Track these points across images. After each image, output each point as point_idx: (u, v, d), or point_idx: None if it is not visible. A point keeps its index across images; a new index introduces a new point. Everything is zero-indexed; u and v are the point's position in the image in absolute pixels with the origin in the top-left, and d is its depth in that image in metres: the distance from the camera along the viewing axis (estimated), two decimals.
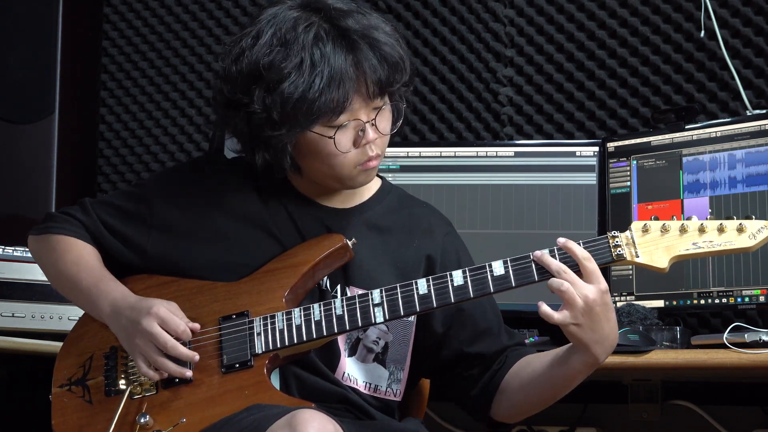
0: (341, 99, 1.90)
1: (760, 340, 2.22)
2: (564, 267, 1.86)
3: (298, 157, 2.01)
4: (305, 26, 1.92)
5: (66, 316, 2.81)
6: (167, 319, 1.94)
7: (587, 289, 1.84)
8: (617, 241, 1.90)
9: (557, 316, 1.85)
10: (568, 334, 1.87)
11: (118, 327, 2.01)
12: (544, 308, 1.85)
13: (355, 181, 2.03)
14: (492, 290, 1.92)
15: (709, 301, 2.57)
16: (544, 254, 1.89)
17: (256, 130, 1.95)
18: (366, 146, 1.97)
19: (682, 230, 1.89)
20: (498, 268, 1.92)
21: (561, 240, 1.89)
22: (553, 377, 1.96)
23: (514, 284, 1.91)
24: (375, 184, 2.14)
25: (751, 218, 1.88)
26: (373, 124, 1.96)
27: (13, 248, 2.83)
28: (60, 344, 2.13)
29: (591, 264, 1.86)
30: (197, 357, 1.96)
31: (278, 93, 1.89)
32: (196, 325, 1.97)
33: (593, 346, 1.87)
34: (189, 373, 1.96)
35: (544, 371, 1.97)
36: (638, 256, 1.90)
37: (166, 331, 1.94)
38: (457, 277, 1.93)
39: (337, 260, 2.03)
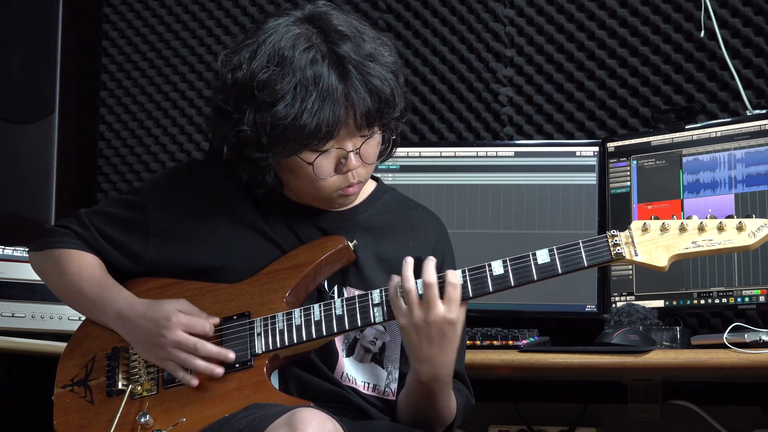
0: (330, 128, 1.89)
1: (760, 340, 2.22)
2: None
3: (281, 173, 2.02)
4: (304, 48, 1.90)
5: (66, 316, 2.81)
6: (191, 324, 1.96)
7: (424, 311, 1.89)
8: (616, 240, 1.90)
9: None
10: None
11: (131, 337, 2.03)
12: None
13: (333, 203, 2.04)
14: (491, 290, 1.92)
15: (709, 301, 2.57)
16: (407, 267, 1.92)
17: (243, 148, 1.94)
18: (348, 173, 1.97)
19: (682, 229, 1.89)
20: (497, 268, 1.93)
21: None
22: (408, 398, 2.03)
23: (513, 284, 1.92)
24: (369, 187, 2.14)
25: (751, 217, 1.88)
26: (357, 153, 1.95)
27: (13, 248, 2.83)
28: (60, 344, 2.13)
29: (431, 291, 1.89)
30: (232, 354, 1.96)
31: (269, 115, 1.89)
32: (216, 319, 1.99)
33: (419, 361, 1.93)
34: (220, 369, 1.96)
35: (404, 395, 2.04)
36: (637, 255, 1.90)
37: (192, 334, 1.95)
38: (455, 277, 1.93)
39: (338, 262, 2.03)
